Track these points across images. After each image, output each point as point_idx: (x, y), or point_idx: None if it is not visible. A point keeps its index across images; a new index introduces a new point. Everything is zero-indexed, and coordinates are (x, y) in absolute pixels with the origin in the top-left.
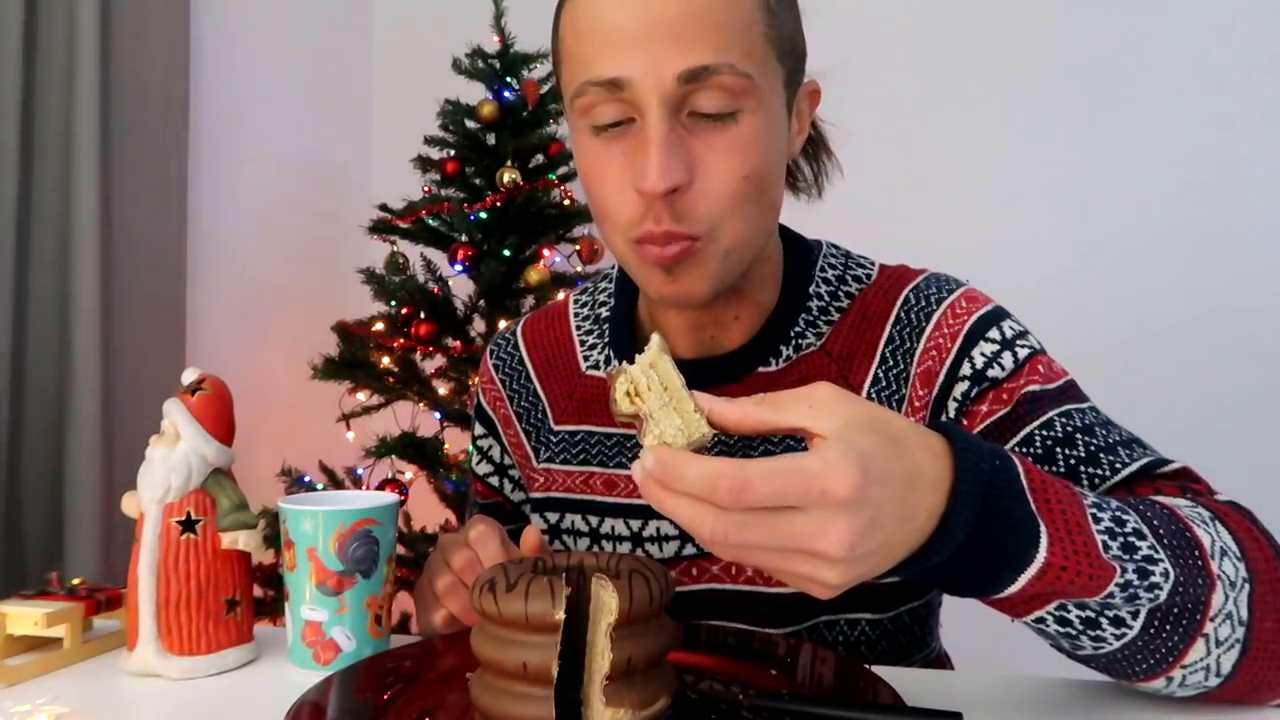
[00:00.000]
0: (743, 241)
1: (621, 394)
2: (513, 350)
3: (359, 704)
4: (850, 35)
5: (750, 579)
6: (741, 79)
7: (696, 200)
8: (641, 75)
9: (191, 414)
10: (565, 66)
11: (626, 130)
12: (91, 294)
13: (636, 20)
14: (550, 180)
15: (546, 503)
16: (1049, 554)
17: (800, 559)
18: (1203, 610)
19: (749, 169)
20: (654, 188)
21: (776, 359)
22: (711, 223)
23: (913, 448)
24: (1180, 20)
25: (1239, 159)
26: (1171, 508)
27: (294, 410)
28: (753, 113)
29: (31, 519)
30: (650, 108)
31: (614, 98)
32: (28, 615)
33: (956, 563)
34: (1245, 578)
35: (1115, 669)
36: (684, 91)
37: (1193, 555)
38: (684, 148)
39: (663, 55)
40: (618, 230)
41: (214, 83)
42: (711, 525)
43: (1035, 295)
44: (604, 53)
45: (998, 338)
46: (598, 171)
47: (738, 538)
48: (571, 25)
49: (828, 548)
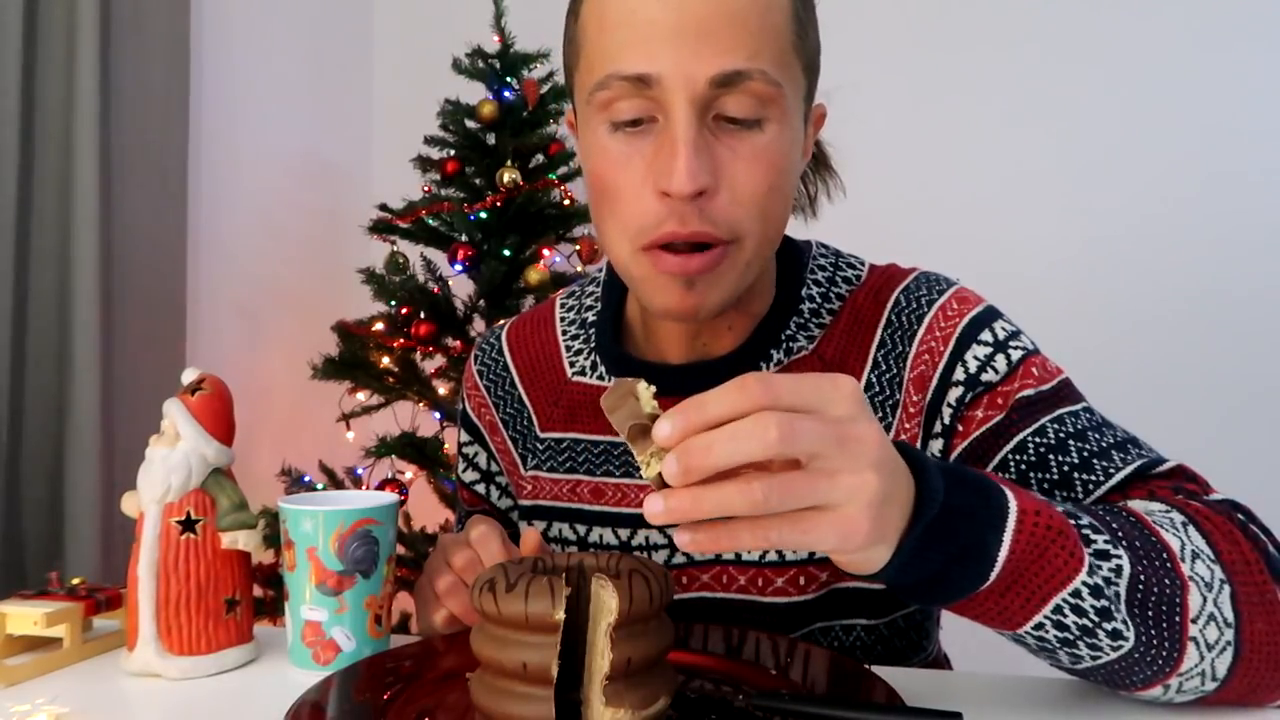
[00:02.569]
0: (761, 258)
1: (648, 397)
2: (497, 356)
3: (359, 704)
4: (849, 34)
5: (743, 587)
6: (772, 87)
7: (721, 205)
8: (672, 74)
9: (191, 414)
10: (584, 58)
11: (649, 129)
12: (91, 294)
13: (671, 16)
14: (550, 180)
15: (534, 511)
16: (1019, 502)
17: (840, 479)
18: (1182, 613)
19: (773, 179)
20: (681, 189)
21: (768, 364)
22: (736, 229)
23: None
24: (1180, 20)
25: (1238, 159)
26: (1138, 513)
27: (294, 410)
28: (778, 123)
29: (31, 519)
30: (678, 108)
31: (639, 94)
32: (28, 615)
33: (943, 535)
34: (1222, 579)
35: (1114, 680)
36: (713, 94)
37: (1159, 556)
38: (710, 152)
39: (696, 55)
40: (627, 236)
41: (214, 83)
42: (763, 487)
43: (1032, 292)
44: (633, 47)
45: (990, 340)
46: (614, 171)
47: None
48: (597, 15)
49: (863, 431)
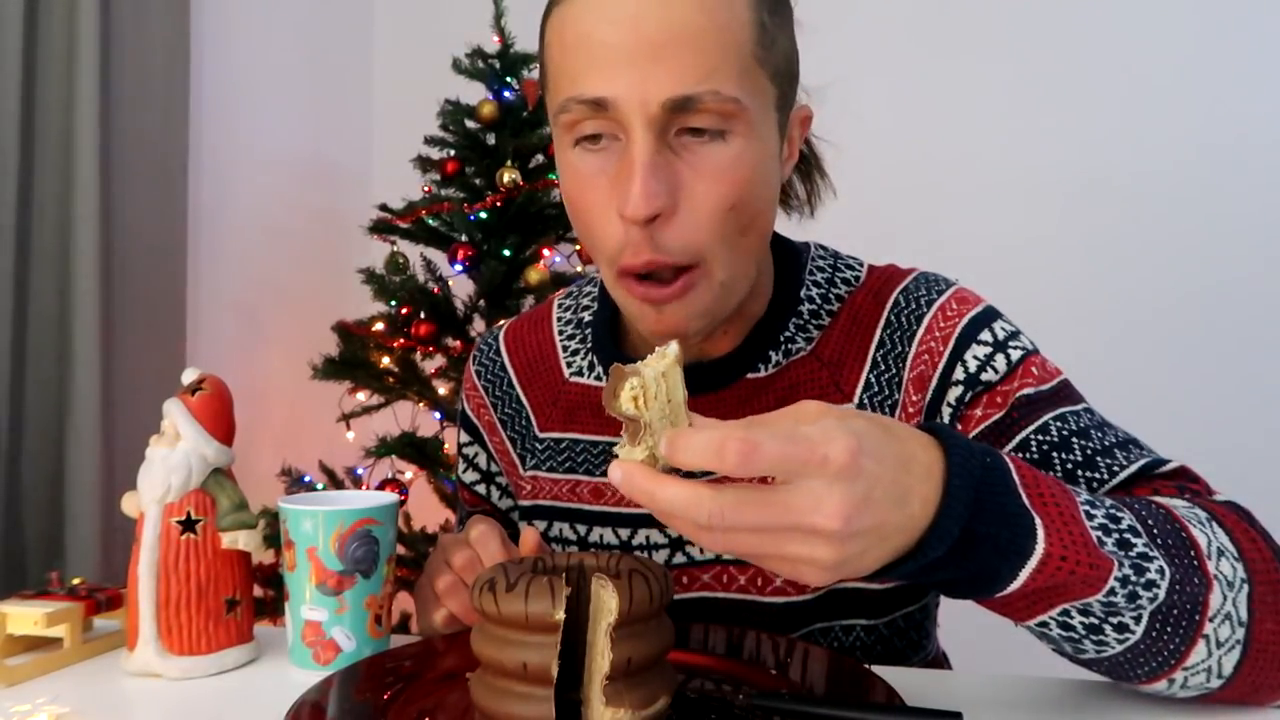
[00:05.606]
0: (740, 274)
1: (628, 396)
2: (494, 356)
3: (359, 704)
4: (845, 32)
5: (743, 587)
6: (728, 103)
7: (678, 228)
8: (627, 97)
9: (191, 414)
10: (551, 79)
11: (611, 146)
12: (91, 294)
13: (625, 40)
14: (550, 180)
15: (534, 511)
16: (1047, 544)
17: (795, 538)
18: (1201, 611)
19: (736, 197)
20: (635, 213)
21: (765, 365)
22: (695, 252)
23: (903, 436)
24: (1178, 19)
25: (1239, 159)
26: (1167, 508)
27: (294, 410)
28: (743, 136)
29: (31, 519)
30: (635, 129)
31: (598, 116)
32: (28, 615)
33: (954, 562)
34: (1244, 578)
35: (1118, 672)
36: (670, 115)
37: (1188, 555)
38: (669, 170)
39: (649, 78)
40: (604, 259)
41: (214, 83)
42: (709, 506)
43: (1032, 293)
44: (590, 71)
45: (990, 339)
46: (582, 191)
47: (734, 516)
48: (558, 38)
49: (823, 520)
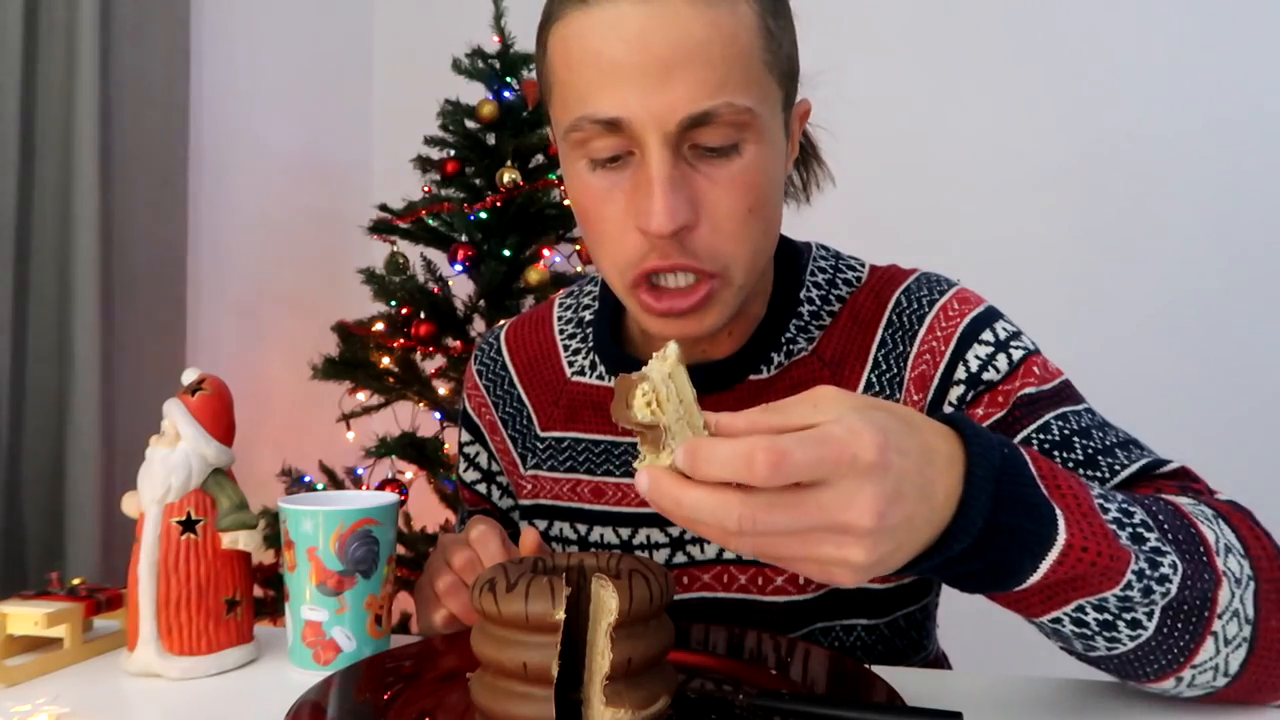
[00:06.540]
0: (754, 273)
1: (643, 404)
2: (495, 355)
3: (359, 704)
4: (842, 31)
5: (743, 587)
6: (742, 114)
7: (703, 238)
8: (642, 117)
9: (191, 414)
10: (556, 95)
11: (627, 163)
12: (91, 294)
13: (634, 57)
14: (550, 180)
15: (535, 510)
16: (1069, 535)
17: (827, 539)
18: (1210, 607)
19: (753, 201)
20: (660, 229)
21: (768, 366)
22: (722, 259)
23: (923, 427)
24: (1182, 15)
25: (1240, 159)
26: (1175, 504)
27: (294, 410)
28: (755, 143)
29: (31, 519)
30: (651, 147)
31: (613, 135)
32: (28, 615)
33: (976, 554)
34: (1250, 575)
35: (1126, 670)
36: (685, 131)
37: (1198, 551)
38: (688, 185)
39: (663, 96)
40: (617, 270)
41: (214, 83)
42: (740, 511)
43: (1032, 294)
44: (601, 90)
45: (991, 339)
46: (597, 206)
47: (767, 520)
48: (562, 53)
49: (856, 518)
